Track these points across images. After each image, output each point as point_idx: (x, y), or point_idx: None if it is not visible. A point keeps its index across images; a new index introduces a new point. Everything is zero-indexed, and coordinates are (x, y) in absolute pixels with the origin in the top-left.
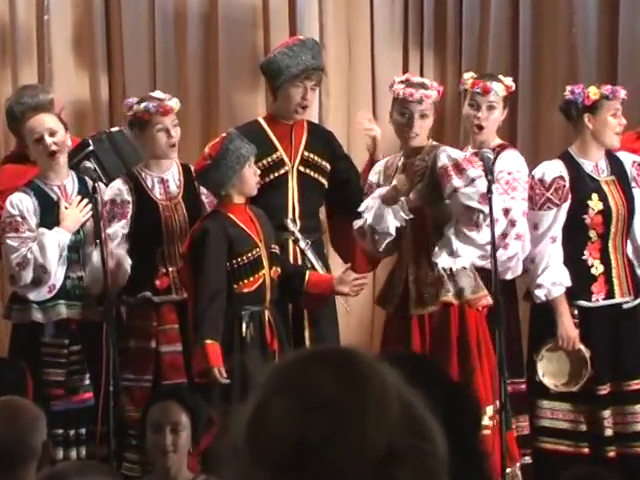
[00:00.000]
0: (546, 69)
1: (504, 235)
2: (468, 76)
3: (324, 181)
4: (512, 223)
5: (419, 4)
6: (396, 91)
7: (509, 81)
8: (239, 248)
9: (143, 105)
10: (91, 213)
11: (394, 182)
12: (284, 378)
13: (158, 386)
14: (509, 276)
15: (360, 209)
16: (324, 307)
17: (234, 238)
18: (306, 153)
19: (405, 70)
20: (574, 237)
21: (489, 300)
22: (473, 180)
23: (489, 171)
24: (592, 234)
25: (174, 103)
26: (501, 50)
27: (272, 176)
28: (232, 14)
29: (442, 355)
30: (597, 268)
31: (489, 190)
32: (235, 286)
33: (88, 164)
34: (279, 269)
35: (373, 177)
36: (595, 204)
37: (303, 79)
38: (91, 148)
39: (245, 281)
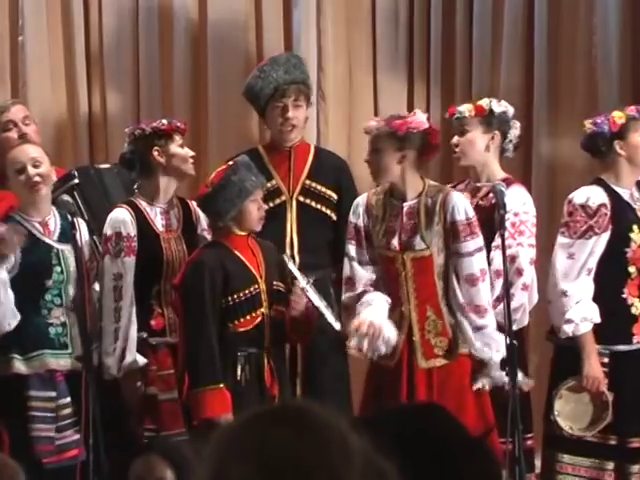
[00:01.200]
0: (564, 95)
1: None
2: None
3: (330, 212)
4: (519, 272)
5: (425, 26)
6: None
7: (485, 102)
8: (236, 284)
9: (166, 120)
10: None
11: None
12: (239, 441)
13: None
14: (514, 327)
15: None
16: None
17: (231, 273)
18: (308, 182)
19: (410, 98)
20: (613, 273)
21: None
22: (477, 250)
23: (502, 205)
24: (632, 269)
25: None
26: (514, 76)
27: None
28: (222, 34)
29: (452, 407)
30: (637, 307)
31: (501, 225)
32: (230, 325)
33: (66, 197)
34: (281, 307)
35: (357, 219)
36: (637, 236)
37: (279, 97)
38: (76, 181)
39: (241, 319)
